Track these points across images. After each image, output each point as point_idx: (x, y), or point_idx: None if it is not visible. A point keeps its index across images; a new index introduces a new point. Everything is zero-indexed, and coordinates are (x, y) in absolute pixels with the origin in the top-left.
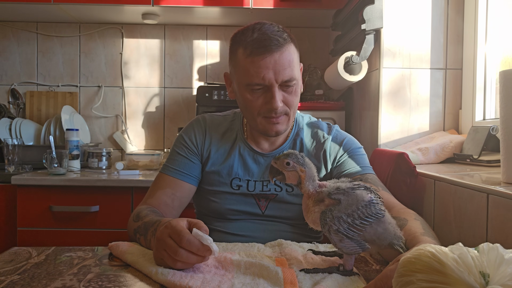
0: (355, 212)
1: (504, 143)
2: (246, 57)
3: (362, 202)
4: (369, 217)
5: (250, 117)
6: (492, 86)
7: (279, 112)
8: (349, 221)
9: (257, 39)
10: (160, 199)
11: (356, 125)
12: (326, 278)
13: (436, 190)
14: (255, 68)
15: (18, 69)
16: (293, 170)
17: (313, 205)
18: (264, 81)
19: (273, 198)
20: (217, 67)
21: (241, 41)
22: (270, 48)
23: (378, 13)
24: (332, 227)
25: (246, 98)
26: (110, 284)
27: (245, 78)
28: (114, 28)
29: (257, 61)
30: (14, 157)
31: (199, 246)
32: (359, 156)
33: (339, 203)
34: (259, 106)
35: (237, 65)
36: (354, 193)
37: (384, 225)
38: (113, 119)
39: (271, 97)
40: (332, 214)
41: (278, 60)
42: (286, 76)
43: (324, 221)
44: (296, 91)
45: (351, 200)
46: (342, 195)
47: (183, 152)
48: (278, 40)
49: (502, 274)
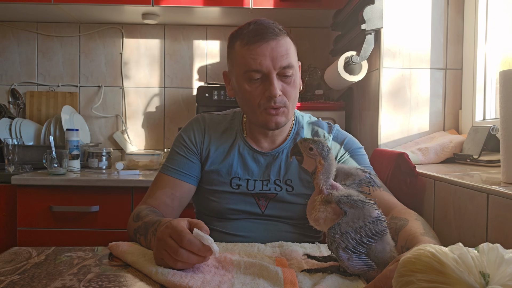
0: (362, 228)
1: (504, 143)
2: (243, 46)
3: (370, 218)
4: (376, 235)
5: (250, 110)
6: (492, 86)
7: (278, 102)
8: (357, 239)
9: (253, 29)
10: (159, 199)
11: (356, 125)
12: (326, 278)
13: (436, 190)
14: (252, 56)
15: (18, 69)
16: (313, 157)
17: (320, 203)
18: (262, 68)
19: (273, 197)
20: (217, 67)
21: (238, 35)
22: (267, 36)
23: (378, 13)
24: (340, 245)
25: (245, 89)
26: (110, 284)
27: (243, 66)
28: (114, 28)
29: (254, 48)
30: (14, 157)
31: (200, 246)
32: (360, 156)
33: (345, 215)
34: (259, 97)
35: (235, 57)
36: (363, 207)
37: (383, 243)
38: (113, 119)
39: (269, 85)
40: (341, 230)
41: (274, 47)
42: (284, 62)
43: (333, 238)
44: (294, 82)
45: (358, 214)
46: (350, 207)
47: (182, 152)
48: (274, 29)
49: (502, 274)
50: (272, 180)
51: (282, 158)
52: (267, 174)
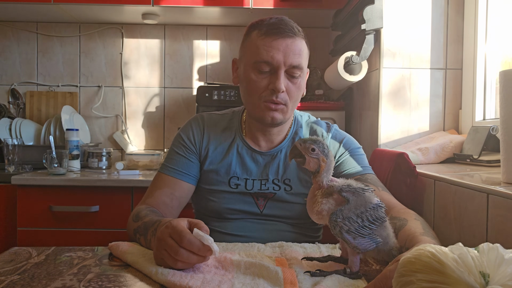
0: (363, 213)
1: (504, 143)
2: (259, 36)
3: (370, 204)
4: (376, 221)
5: (250, 101)
6: (492, 86)
7: (280, 98)
8: (359, 222)
9: (274, 23)
10: (159, 199)
11: (356, 125)
12: (326, 278)
13: (436, 190)
14: (266, 47)
15: (18, 69)
16: (316, 157)
17: (321, 197)
18: (273, 61)
19: (271, 197)
20: (217, 67)
21: (258, 25)
22: (284, 32)
23: (378, 13)
24: (343, 228)
25: (251, 79)
26: (110, 284)
27: (255, 55)
28: (114, 28)
29: (269, 41)
30: (14, 157)
31: (200, 246)
32: (359, 156)
33: (348, 202)
34: (262, 89)
35: (249, 45)
36: (364, 194)
37: (387, 230)
38: (113, 119)
39: (276, 79)
40: (343, 215)
41: (289, 45)
42: (295, 61)
43: (335, 222)
44: (299, 85)
45: (359, 201)
46: (352, 194)
47: (181, 151)
48: (293, 28)
49: (502, 274)
50: (270, 180)
51: (281, 158)
52: (266, 173)
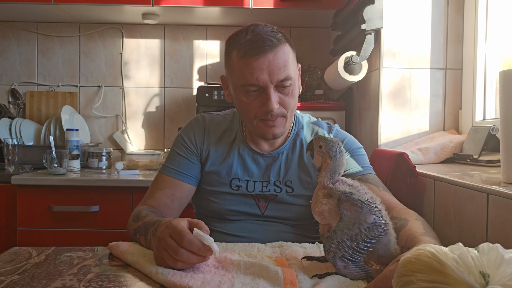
0: (358, 235)
1: (504, 143)
2: (240, 59)
3: (365, 224)
4: (372, 239)
5: (247, 120)
6: (492, 86)
7: (275, 114)
8: (353, 246)
9: (250, 40)
10: (159, 199)
11: (356, 125)
12: (326, 278)
13: (436, 190)
14: (249, 70)
15: (18, 69)
16: (320, 155)
17: (322, 196)
18: (259, 82)
19: (273, 198)
20: (217, 67)
21: (235, 44)
22: (264, 49)
23: (378, 13)
24: (337, 254)
25: (242, 101)
26: (110, 284)
27: (240, 79)
28: (114, 28)
29: (251, 62)
30: (14, 157)
31: (200, 246)
32: (360, 156)
33: (341, 219)
34: (255, 109)
35: (232, 67)
36: (361, 210)
37: (388, 236)
38: (113, 119)
39: (266, 99)
40: (337, 239)
41: (272, 60)
42: (281, 76)
43: (329, 249)
44: (293, 92)
45: (353, 219)
46: (350, 207)
47: (182, 152)
48: (271, 40)
49: (502, 274)
50: (272, 181)
51: (282, 159)
52: (267, 175)
